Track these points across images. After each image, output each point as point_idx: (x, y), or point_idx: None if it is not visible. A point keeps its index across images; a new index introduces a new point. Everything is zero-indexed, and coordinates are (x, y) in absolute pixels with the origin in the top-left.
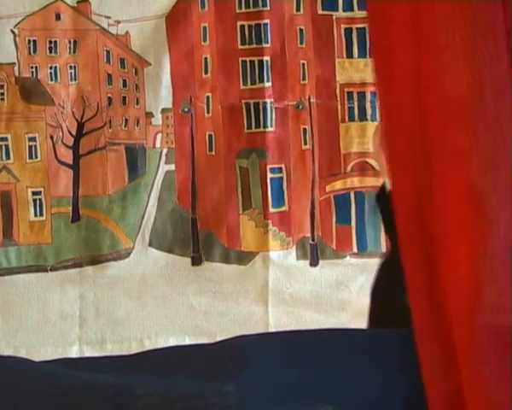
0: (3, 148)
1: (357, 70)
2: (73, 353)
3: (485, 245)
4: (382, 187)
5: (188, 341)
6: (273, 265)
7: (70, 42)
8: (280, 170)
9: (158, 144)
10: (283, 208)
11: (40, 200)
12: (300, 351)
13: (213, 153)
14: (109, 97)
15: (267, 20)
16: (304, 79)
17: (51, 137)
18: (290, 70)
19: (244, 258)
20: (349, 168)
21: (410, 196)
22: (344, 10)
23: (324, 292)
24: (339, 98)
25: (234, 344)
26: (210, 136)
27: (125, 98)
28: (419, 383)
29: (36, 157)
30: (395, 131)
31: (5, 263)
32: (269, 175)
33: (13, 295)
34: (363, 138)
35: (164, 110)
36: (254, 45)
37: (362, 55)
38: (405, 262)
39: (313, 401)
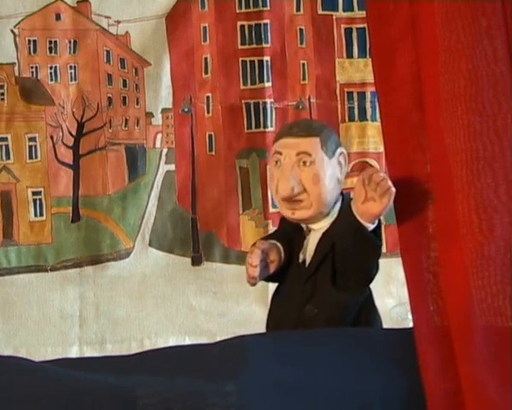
0: (3, 148)
1: (357, 70)
2: (73, 353)
3: (484, 246)
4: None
5: (188, 341)
6: None
7: (70, 42)
8: None
9: (158, 144)
10: None
11: (40, 200)
12: (300, 351)
13: (213, 153)
14: (109, 97)
15: (267, 20)
16: (304, 79)
17: (51, 137)
18: (290, 70)
19: (244, 258)
20: (349, 168)
21: (410, 196)
22: (344, 10)
23: None
24: (339, 98)
25: (234, 344)
26: (210, 136)
27: (125, 98)
28: (418, 383)
29: (36, 157)
30: (395, 131)
31: (5, 263)
32: (269, 175)
33: (13, 295)
34: (363, 138)
35: (164, 110)
36: (254, 45)
37: (362, 55)
38: (405, 262)
39: (313, 401)
